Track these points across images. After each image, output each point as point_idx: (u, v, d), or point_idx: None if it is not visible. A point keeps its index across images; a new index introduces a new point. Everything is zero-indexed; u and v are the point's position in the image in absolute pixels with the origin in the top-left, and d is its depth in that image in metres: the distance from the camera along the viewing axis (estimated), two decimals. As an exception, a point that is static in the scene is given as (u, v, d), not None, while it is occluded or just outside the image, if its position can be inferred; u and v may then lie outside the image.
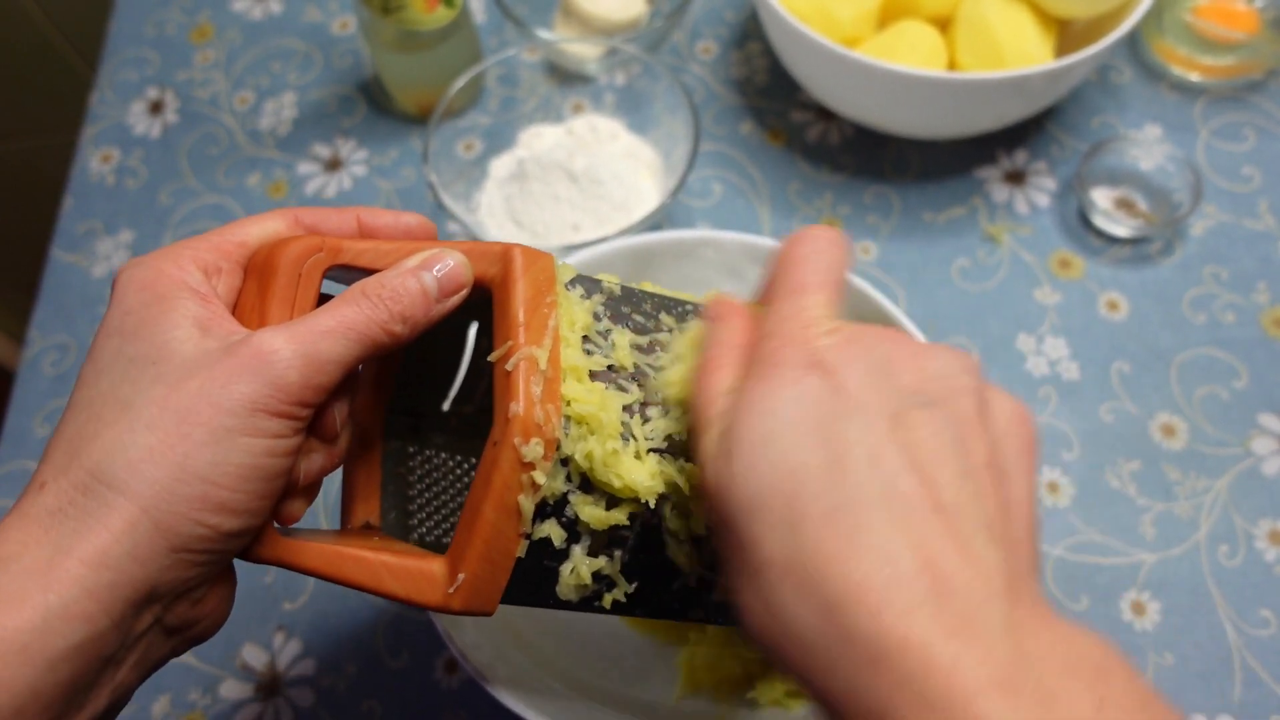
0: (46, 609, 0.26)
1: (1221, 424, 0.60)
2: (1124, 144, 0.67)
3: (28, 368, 0.68)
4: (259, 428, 0.29)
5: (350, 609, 0.58)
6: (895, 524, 0.25)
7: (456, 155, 0.70)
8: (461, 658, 0.42)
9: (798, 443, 0.26)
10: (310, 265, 0.33)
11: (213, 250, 0.33)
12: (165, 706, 0.56)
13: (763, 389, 0.28)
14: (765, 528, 0.26)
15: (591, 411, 0.32)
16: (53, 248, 0.73)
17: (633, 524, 0.35)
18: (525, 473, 0.31)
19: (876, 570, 0.24)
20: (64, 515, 0.28)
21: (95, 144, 0.78)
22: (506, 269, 0.33)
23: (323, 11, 0.83)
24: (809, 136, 0.73)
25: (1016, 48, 0.63)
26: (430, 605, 0.32)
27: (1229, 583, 0.55)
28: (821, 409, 0.27)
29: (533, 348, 0.32)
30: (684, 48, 0.78)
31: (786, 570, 0.25)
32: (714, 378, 0.30)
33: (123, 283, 0.32)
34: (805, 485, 0.26)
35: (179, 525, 0.28)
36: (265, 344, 0.30)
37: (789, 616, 0.25)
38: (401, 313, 0.32)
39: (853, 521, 0.25)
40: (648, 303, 0.37)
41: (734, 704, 0.47)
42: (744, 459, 0.27)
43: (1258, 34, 0.71)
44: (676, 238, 0.52)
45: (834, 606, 0.24)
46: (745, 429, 0.27)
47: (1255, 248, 0.65)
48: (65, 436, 0.29)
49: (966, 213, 0.69)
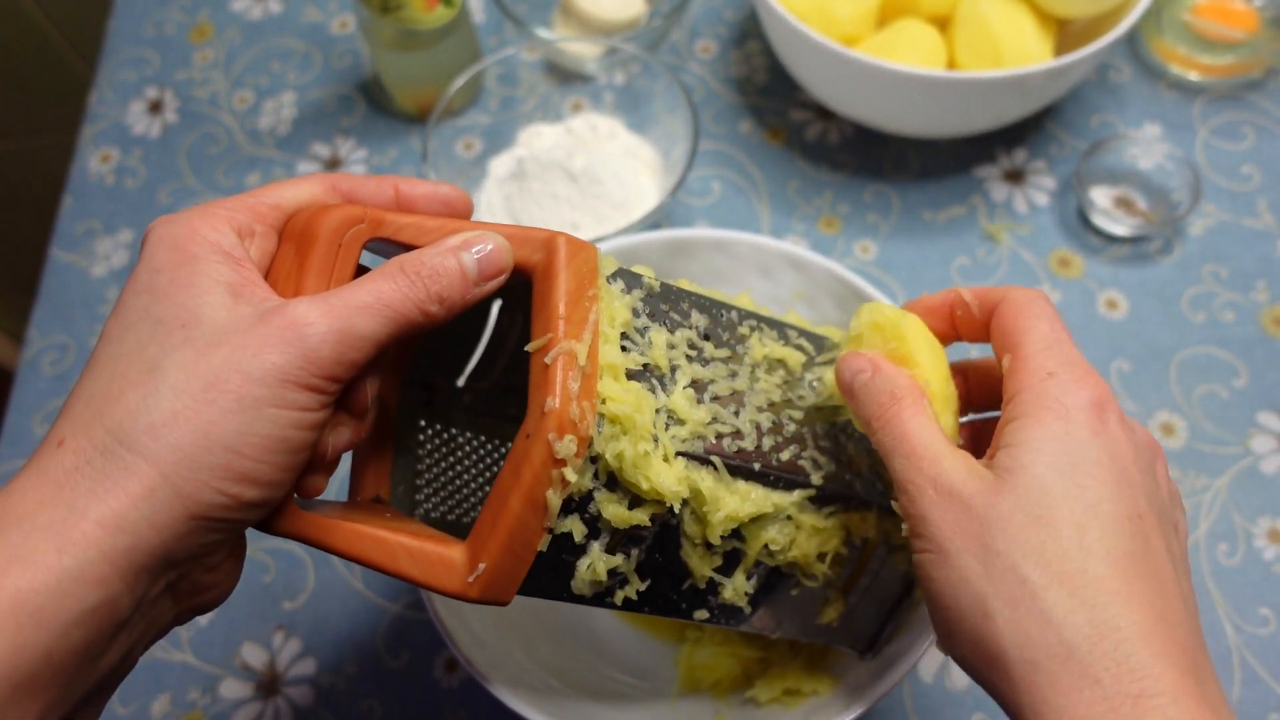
0: (61, 571, 0.26)
1: (1221, 423, 0.60)
2: (1123, 143, 0.67)
3: (27, 367, 0.68)
4: (288, 399, 0.29)
5: (350, 609, 0.58)
6: (1166, 598, 0.30)
7: (456, 154, 0.70)
8: (461, 657, 0.42)
9: (1099, 485, 0.30)
10: (351, 236, 0.33)
11: (247, 211, 0.32)
12: (165, 705, 0.56)
13: (1065, 424, 0.31)
14: (1048, 539, 0.30)
15: (627, 412, 0.32)
16: (52, 247, 0.73)
17: (653, 524, 0.35)
18: (556, 469, 0.31)
19: (1154, 629, 0.28)
20: (80, 475, 0.27)
21: (94, 144, 0.78)
22: (550, 258, 0.33)
23: (322, 11, 0.83)
24: (808, 135, 0.73)
25: (1016, 47, 0.63)
26: (448, 591, 0.32)
27: (1228, 581, 0.55)
28: (1118, 472, 0.31)
29: (573, 342, 0.32)
30: (683, 47, 0.78)
31: (1062, 582, 0.29)
32: (909, 410, 0.34)
33: (154, 239, 0.31)
34: (1100, 522, 0.30)
35: (199, 493, 0.28)
36: (300, 315, 0.29)
37: (1059, 619, 0.29)
38: (439, 293, 0.32)
39: (1139, 575, 0.29)
40: (685, 301, 0.37)
41: (733, 703, 0.47)
42: (1041, 478, 0.30)
43: (1257, 33, 0.71)
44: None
45: (1109, 633, 0.28)
46: (1043, 453, 0.31)
47: (1254, 246, 0.65)
48: (87, 392, 0.29)
49: (966, 212, 0.69)
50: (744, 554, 0.37)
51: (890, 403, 0.35)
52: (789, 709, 0.45)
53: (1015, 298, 0.36)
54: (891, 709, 0.54)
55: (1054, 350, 0.33)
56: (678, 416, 0.34)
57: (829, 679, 0.45)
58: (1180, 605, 0.30)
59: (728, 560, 0.37)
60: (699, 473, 0.34)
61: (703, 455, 0.35)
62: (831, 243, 0.68)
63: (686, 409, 0.35)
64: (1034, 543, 0.30)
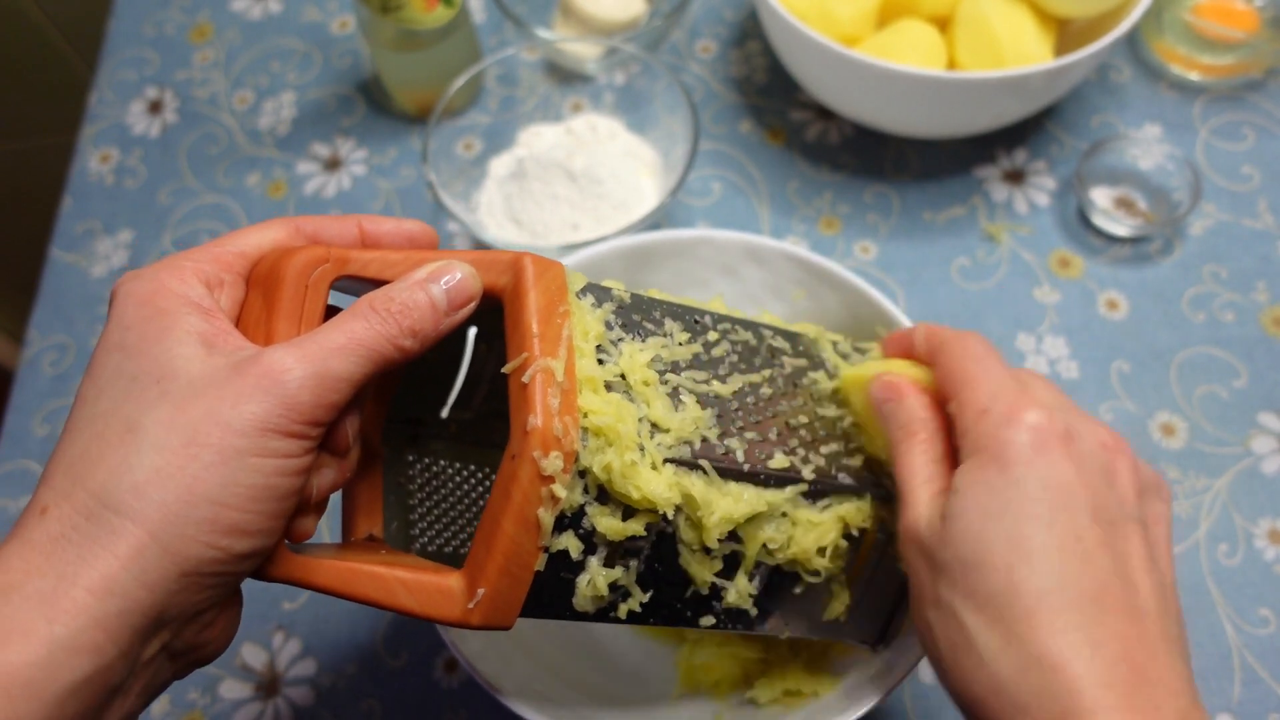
0: (52, 642, 0.26)
1: (1221, 423, 0.60)
2: (1123, 143, 0.67)
3: (27, 368, 0.68)
4: (270, 448, 0.29)
5: (350, 609, 0.58)
6: (1100, 617, 0.30)
7: (456, 155, 0.70)
8: (460, 657, 0.42)
9: (1030, 520, 0.31)
10: (317, 276, 0.33)
11: (213, 262, 0.32)
12: (165, 706, 0.56)
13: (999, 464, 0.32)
14: (979, 583, 0.31)
15: (609, 423, 0.32)
16: (52, 247, 0.73)
17: (648, 534, 0.35)
18: (545, 486, 0.31)
19: (1078, 652, 0.29)
20: (67, 541, 0.27)
21: (94, 144, 0.78)
22: (518, 279, 0.33)
23: (322, 11, 0.83)
24: (808, 135, 0.73)
25: (1016, 47, 0.63)
26: (449, 621, 0.32)
27: (1228, 582, 0.55)
28: (1054, 497, 0.32)
29: (548, 359, 0.32)
30: (683, 47, 0.78)
31: (994, 624, 0.31)
32: (916, 450, 0.36)
33: (121, 297, 0.31)
34: (1029, 560, 0.31)
35: (189, 549, 0.27)
36: (276, 362, 0.29)
37: (990, 659, 0.30)
38: (411, 327, 0.32)
39: (1065, 605, 0.30)
40: (657, 310, 0.37)
41: (732, 703, 0.47)
42: (971, 525, 0.32)
43: (1257, 33, 0.71)
44: (673, 237, 0.52)
45: (1033, 665, 0.29)
46: (972, 499, 0.32)
47: (1254, 247, 0.65)
48: (66, 458, 0.28)
49: (966, 212, 0.69)
50: (743, 555, 0.37)
51: (902, 438, 0.37)
52: (789, 709, 0.45)
53: (953, 341, 0.37)
54: (891, 709, 0.54)
55: (982, 385, 0.35)
56: (660, 425, 0.34)
57: (829, 679, 0.45)
58: (1123, 615, 0.30)
59: (728, 564, 0.37)
60: (689, 478, 0.34)
61: (691, 460, 0.35)
62: (831, 243, 0.68)
63: (667, 416, 0.35)
64: (968, 588, 0.31)
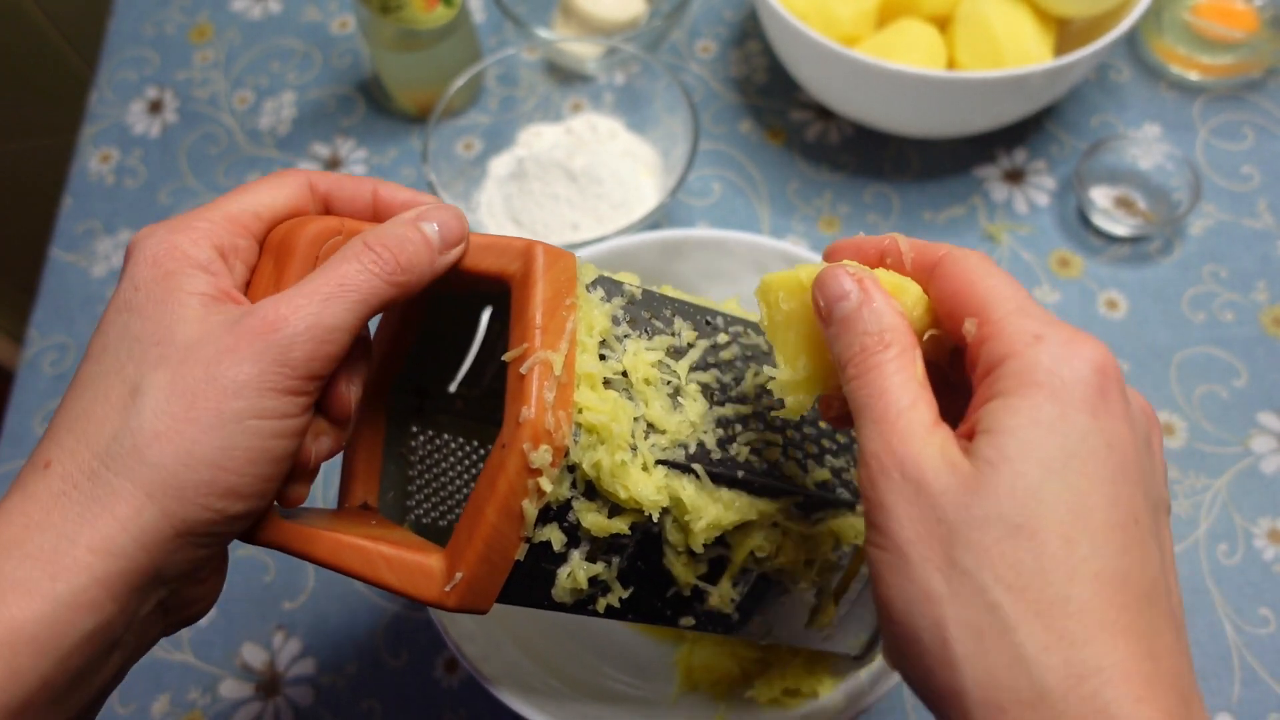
0: (56, 599, 0.26)
1: (1221, 422, 0.60)
2: (1123, 143, 0.67)
3: (27, 367, 0.68)
4: (267, 408, 0.29)
5: (350, 609, 0.58)
6: (1154, 623, 0.26)
7: (456, 154, 0.70)
8: (461, 656, 0.42)
9: (1097, 486, 0.26)
10: (328, 247, 0.33)
11: (228, 224, 0.32)
12: (165, 706, 0.56)
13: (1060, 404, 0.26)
14: (1024, 556, 0.25)
15: (603, 421, 0.32)
16: (52, 247, 0.73)
17: (633, 533, 0.35)
18: (531, 478, 0.31)
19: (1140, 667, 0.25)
20: (68, 499, 0.27)
21: (95, 144, 0.78)
22: (528, 267, 0.33)
23: (322, 11, 0.83)
24: (808, 135, 0.73)
25: (1016, 47, 0.63)
26: (426, 600, 0.32)
27: (1228, 581, 0.55)
28: (1118, 463, 0.26)
29: (548, 352, 0.32)
30: (683, 47, 0.78)
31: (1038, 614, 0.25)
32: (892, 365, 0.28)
33: (136, 255, 0.31)
34: (1092, 537, 0.25)
35: (186, 511, 0.28)
36: (268, 318, 0.29)
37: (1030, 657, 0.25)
38: (407, 261, 0.32)
39: (1124, 604, 0.25)
40: (668, 308, 0.37)
41: (732, 703, 0.47)
42: (1025, 476, 0.26)
43: (1256, 33, 0.71)
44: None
45: (1091, 674, 0.24)
46: (1029, 444, 0.26)
47: (1254, 246, 0.65)
48: (71, 413, 0.29)
49: (966, 212, 0.69)
50: (730, 561, 0.37)
51: (876, 348, 0.29)
52: (789, 709, 0.45)
53: (962, 255, 0.31)
54: (891, 709, 0.54)
55: (1031, 310, 0.28)
56: (656, 426, 0.34)
57: (829, 679, 0.45)
58: (1171, 626, 0.26)
59: (713, 567, 0.37)
60: (680, 481, 0.34)
61: (684, 464, 0.35)
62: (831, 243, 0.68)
63: (664, 417, 0.34)
64: (1009, 560, 0.25)
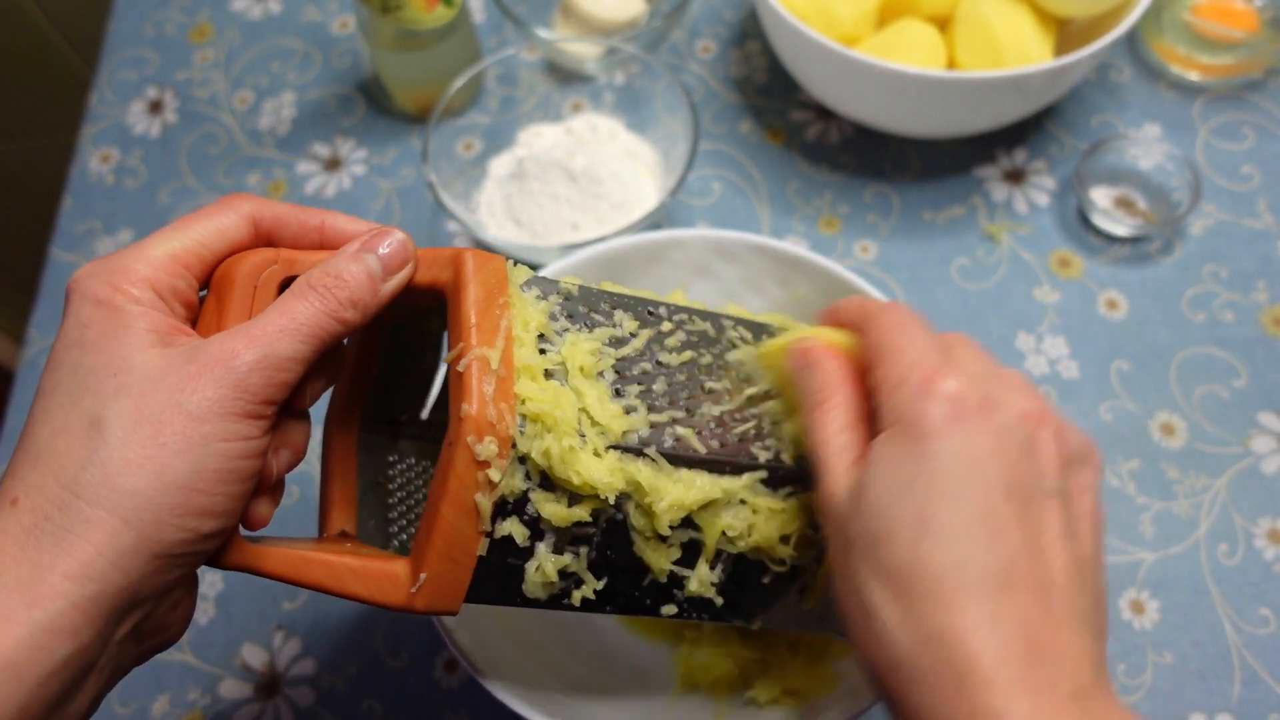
0: (33, 625, 0.27)
1: (1221, 423, 0.60)
2: (1123, 143, 0.67)
3: (27, 368, 0.68)
4: (229, 431, 0.30)
5: (350, 609, 0.58)
6: (1003, 593, 0.29)
7: (456, 154, 0.70)
8: (461, 657, 0.42)
9: (939, 496, 0.30)
10: (265, 277, 0.34)
11: (170, 264, 0.32)
12: (165, 706, 0.56)
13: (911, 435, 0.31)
14: (886, 557, 0.30)
15: (546, 409, 0.33)
16: (52, 247, 0.73)
17: (597, 521, 0.35)
18: (480, 471, 0.32)
19: (977, 628, 0.28)
20: (41, 532, 0.28)
21: (95, 144, 0.78)
22: (458, 272, 0.34)
23: (322, 11, 0.83)
24: (808, 135, 0.73)
25: (1016, 47, 0.63)
26: (393, 605, 0.33)
27: (1228, 581, 0.55)
28: (965, 471, 0.30)
29: (484, 348, 0.33)
30: (683, 47, 0.78)
31: (898, 598, 0.30)
32: (828, 418, 0.35)
33: (78, 296, 0.31)
34: (934, 536, 0.30)
35: (162, 533, 0.29)
36: (224, 349, 0.30)
37: (890, 631, 0.30)
38: (350, 298, 0.33)
39: (967, 581, 0.29)
40: (605, 302, 0.38)
41: (731, 703, 0.47)
42: (879, 499, 0.31)
43: (1257, 33, 0.71)
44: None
45: (933, 640, 0.29)
46: (882, 473, 0.31)
47: (1254, 246, 0.65)
48: (32, 451, 0.29)
49: (966, 212, 0.69)
50: (703, 543, 0.37)
51: (814, 405, 0.35)
52: (788, 709, 0.45)
53: (875, 317, 0.36)
54: (891, 709, 0.54)
55: (904, 354, 0.33)
56: (592, 413, 0.35)
57: (829, 679, 0.45)
58: (1029, 591, 0.29)
59: (688, 552, 0.37)
60: (634, 464, 0.35)
61: (637, 448, 0.35)
62: (831, 243, 0.68)
63: (601, 405, 0.35)
64: (874, 563, 0.31)
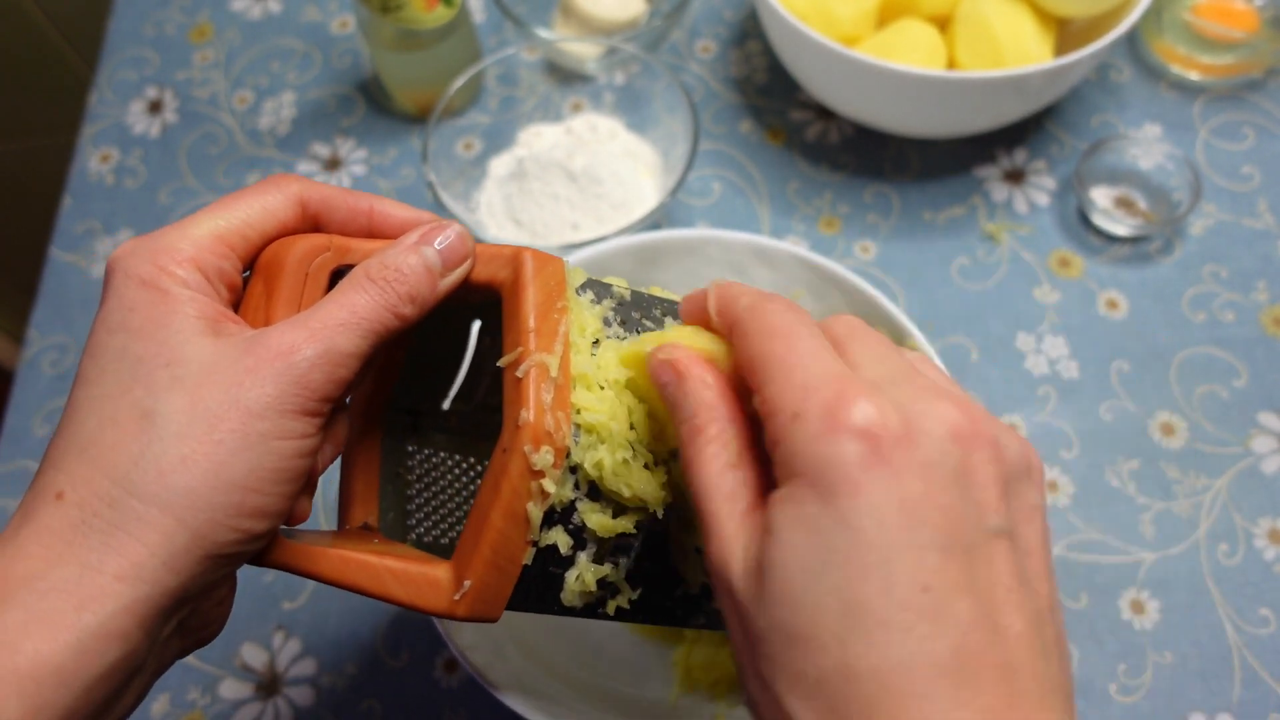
0: (81, 630, 0.26)
1: (1221, 423, 0.60)
2: (1123, 143, 0.67)
3: (27, 367, 0.68)
4: (288, 429, 0.29)
5: (350, 609, 0.58)
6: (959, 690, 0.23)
7: (456, 154, 0.70)
8: (461, 657, 0.42)
9: (864, 576, 0.23)
10: (317, 265, 0.33)
11: (214, 244, 0.31)
12: (165, 706, 0.56)
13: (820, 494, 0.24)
14: (806, 664, 0.24)
15: (602, 420, 0.32)
16: (52, 247, 0.73)
17: (638, 531, 0.35)
18: (535, 480, 0.31)
19: None
20: (89, 529, 0.27)
21: (94, 144, 0.78)
22: (517, 273, 0.33)
23: (322, 11, 0.83)
24: (808, 135, 0.73)
25: (1016, 47, 0.63)
26: (435, 611, 0.32)
27: (1228, 581, 0.55)
28: (893, 535, 0.23)
29: (543, 354, 0.32)
30: (683, 47, 0.78)
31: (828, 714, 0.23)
32: (707, 453, 0.27)
33: (121, 275, 0.30)
34: (865, 633, 0.23)
35: (215, 533, 0.28)
36: (284, 342, 0.29)
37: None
38: (409, 293, 0.31)
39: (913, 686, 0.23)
40: (657, 308, 0.37)
41: (731, 703, 0.47)
42: (790, 583, 0.24)
43: (1257, 33, 0.71)
44: (681, 236, 0.52)
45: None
46: (790, 547, 0.24)
47: (1255, 246, 0.65)
48: (76, 442, 0.28)
49: (966, 212, 0.69)
50: None
51: (693, 434, 0.28)
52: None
53: (744, 313, 0.28)
54: (891, 709, 0.53)
55: (793, 373, 0.26)
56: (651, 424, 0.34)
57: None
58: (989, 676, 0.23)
59: None
60: (682, 477, 0.34)
61: None
62: (831, 243, 0.68)
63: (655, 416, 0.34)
64: (793, 671, 0.24)
